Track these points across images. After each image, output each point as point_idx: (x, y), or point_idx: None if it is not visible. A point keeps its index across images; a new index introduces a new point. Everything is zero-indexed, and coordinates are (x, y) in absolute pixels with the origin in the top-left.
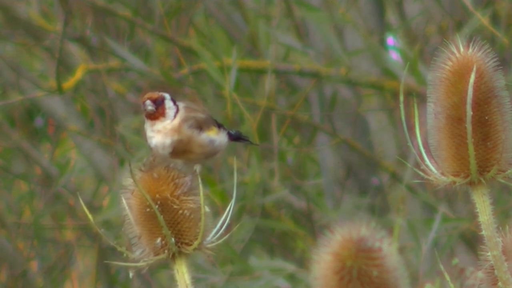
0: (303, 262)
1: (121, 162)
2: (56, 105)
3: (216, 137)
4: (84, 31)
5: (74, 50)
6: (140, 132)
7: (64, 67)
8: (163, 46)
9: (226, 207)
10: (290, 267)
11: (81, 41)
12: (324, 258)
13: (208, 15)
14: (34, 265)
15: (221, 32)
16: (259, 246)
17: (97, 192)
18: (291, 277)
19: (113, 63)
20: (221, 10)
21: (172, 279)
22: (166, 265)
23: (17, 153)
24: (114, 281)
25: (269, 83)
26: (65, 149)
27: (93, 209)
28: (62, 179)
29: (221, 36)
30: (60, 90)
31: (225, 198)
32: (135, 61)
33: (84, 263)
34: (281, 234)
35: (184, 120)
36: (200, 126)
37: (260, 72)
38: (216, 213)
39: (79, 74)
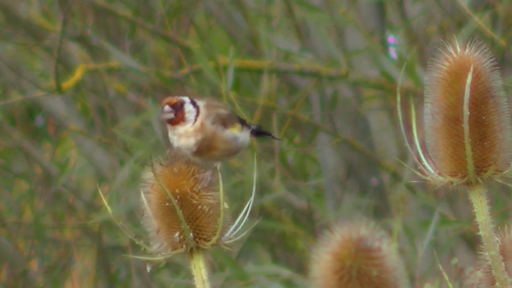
0: (303, 262)
1: (121, 162)
2: (56, 105)
3: (240, 134)
4: (85, 31)
5: (75, 49)
6: (140, 132)
7: (64, 66)
8: (164, 46)
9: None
10: (286, 272)
11: (82, 40)
12: (323, 258)
13: (209, 15)
14: (34, 265)
15: (221, 32)
16: (259, 246)
17: (98, 191)
18: (287, 282)
19: (113, 63)
20: (221, 10)
21: (173, 279)
22: (166, 264)
23: (18, 153)
24: (114, 280)
25: (266, 82)
26: (65, 149)
27: (94, 208)
28: (62, 178)
29: (221, 36)
30: (59, 90)
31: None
32: (131, 62)
33: (84, 262)
34: (281, 234)
35: (206, 117)
36: (224, 122)
37: (261, 72)
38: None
39: (78, 74)
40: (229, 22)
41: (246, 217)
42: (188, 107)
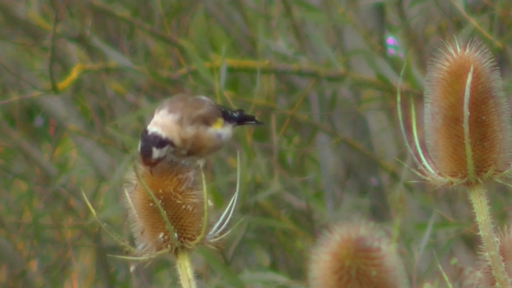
0: (302, 262)
1: (120, 162)
2: (56, 105)
3: (222, 130)
4: (84, 31)
5: (73, 50)
6: (137, 131)
7: (63, 67)
8: (163, 46)
9: (220, 205)
10: (282, 279)
11: (80, 40)
12: (322, 258)
13: (208, 15)
14: (33, 265)
15: (221, 33)
16: (258, 246)
17: (97, 192)
18: None
19: (110, 63)
20: (221, 10)
21: (172, 278)
22: (166, 264)
23: (17, 153)
24: (113, 280)
25: (260, 82)
26: (65, 149)
27: (94, 209)
28: (60, 178)
29: (222, 36)
30: (55, 90)
31: (218, 196)
32: (126, 61)
33: (83, 262)
34: (280, 234)
35: (183, 130)
36: (206, 121)
37: (260, 72)
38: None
39: (74, 73)
40: (228, 22)
41: (230, 215)
42: (156, 154)
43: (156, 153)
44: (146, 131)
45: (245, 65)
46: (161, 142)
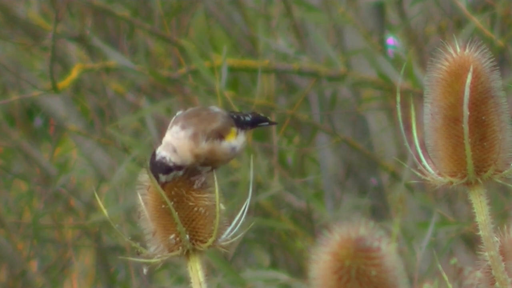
0: (302, 262)
1: (120, 162)
2: (56, 105)
3: (236, 142)
4: (83, 31)
5: (73, 50)
6: (138, 132)
7: (63, 67)
8: (163, 46)
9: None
10: (283, 276)
11: (80, 40)
12: (322, 258)
13: (208, 15)
14: (33, 265)
15: (222, 33)
16: (258, 246)
17: (98, 192)
18: (286, 287)
19: (109, 62)
20: (221, 10)
21: (172, 279)
22: (167, 264)
23: (17, 153)
24: (113, 280)
25: (261, 82)
26: (65, 149)
27: (93, 209)
28: (60, 178)
29: (222, 37)
30: (55, 89)
31: (220, 197)
32: (126, 61)
33: (83, 262)
34: (280, 234)
35: (196, 147)
36: (219, 134)
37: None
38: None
39: (74, 73)
40: (228, 22)
41: (242, 219)
42: (163, 179)
43: (162, 178)
44: (154, 155)
45: (245, 65)
46: (167, 169)
